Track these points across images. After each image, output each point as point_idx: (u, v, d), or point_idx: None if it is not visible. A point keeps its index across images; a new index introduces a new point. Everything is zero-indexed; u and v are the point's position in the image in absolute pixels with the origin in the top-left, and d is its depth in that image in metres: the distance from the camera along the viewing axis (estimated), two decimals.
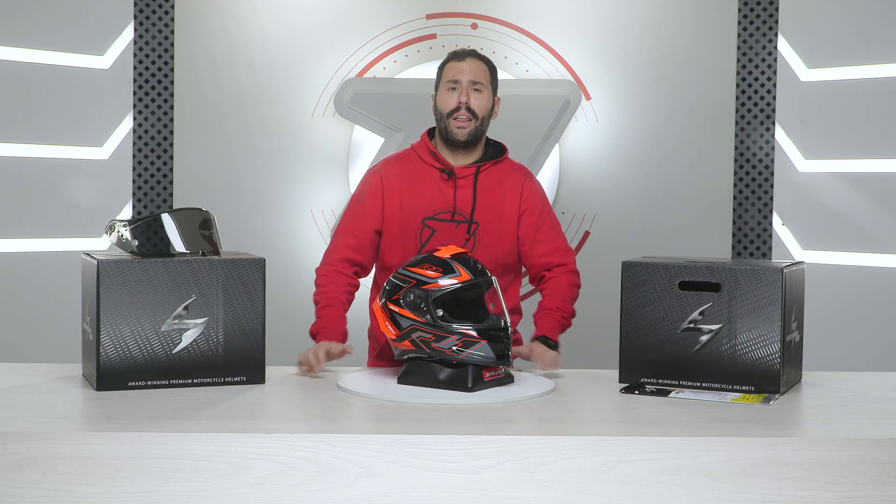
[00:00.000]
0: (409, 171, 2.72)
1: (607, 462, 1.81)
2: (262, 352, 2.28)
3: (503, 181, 2.73)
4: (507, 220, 2.71)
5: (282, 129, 4.55)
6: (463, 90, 2.67)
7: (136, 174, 4.47)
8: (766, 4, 4.47)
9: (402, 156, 2.78)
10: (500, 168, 2.74)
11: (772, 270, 2.25)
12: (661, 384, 2.32)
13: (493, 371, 2.26)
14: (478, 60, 2.71)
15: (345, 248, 2.71)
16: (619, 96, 4.57)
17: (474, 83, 2.67)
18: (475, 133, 2.68)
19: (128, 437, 1.80)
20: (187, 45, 4.51)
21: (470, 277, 2.26)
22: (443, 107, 2.69)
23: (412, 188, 2.70)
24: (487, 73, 2.71)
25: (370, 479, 1.79)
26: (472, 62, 2.70)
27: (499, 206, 2.71)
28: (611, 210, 4.58)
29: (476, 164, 2.71)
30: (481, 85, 2.68)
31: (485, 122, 2.70)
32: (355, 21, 4.55)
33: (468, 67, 2.68)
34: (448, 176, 2.69)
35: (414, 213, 2.69)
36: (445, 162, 2.71)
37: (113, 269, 2.18)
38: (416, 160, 2.74)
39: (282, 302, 4.32)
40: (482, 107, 2.68)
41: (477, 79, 2.68)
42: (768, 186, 4.49)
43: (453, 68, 2.70)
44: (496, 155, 2.75)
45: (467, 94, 2.67)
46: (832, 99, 4.36)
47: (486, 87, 2.70)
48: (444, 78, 2.71)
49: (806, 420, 2.08)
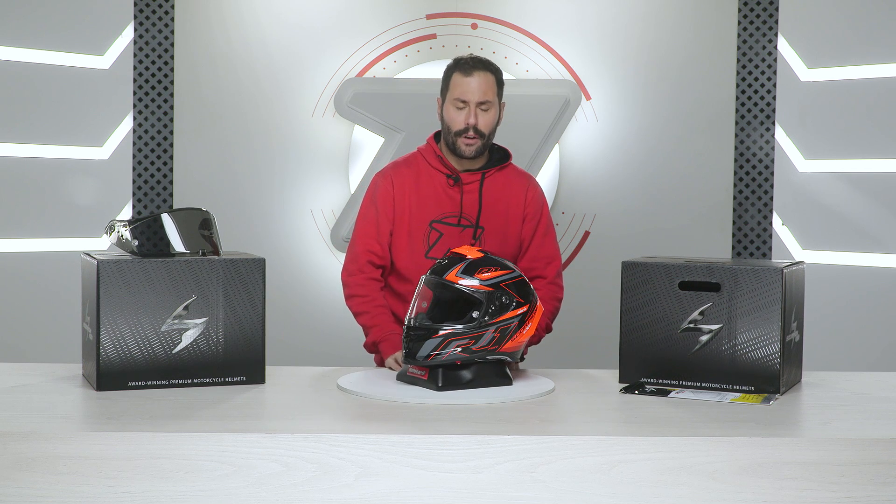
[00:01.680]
0: (418, 176, 2.74)
1: (607, 462, 1.81)
2: (262, 352, 2.28)
3: (508, 186, 2.75)
4: (512, 224, 2.75)
5: (282, 129, 4.55)
6: (471, 112, 2.65)
7: (136, 174, 4.47)
8: (766, 4, 4.47)
9: (410, 160, 2.79)
10: (505, 174, 2.77)
11: (772, 270, 2.25)
12: (661, 384, 2.32)
13: (415, 369, 2.26)
14: (485, 74, 2.67)
15: (368, 252, 2.73)
16: (619, 96, 4.57)
17: (483, 100, 2.66)
18: (482, 148, 2.70)
19: (128, 437, 1.80)
20: (187, 45, 4.51)
21: None
22: (450, 123, 2.68)
23: (421, 192, 2.72)
24: (495, 87, 2.69)
25: (370, 479, 1.79)
26: (479, 77, 2.66)
27: (503, 211, 2.74)
28: (611, 210, 4.58)
29: (482, 170, 2.73)
30: (489, 103, 2.67)
31: (492, 135, 2.71)
32: (355, 21, 4.55)
33: (476, 85, 2.65)
34: (455, 182, 2.71)
35: (422, 217, 2.71)
36: (452, 167, 2.73)
37: (113, 269, 2.18)
38: (424, 164, 2.75)
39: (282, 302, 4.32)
40: (489, 124, 2.68)
41: (485, 97, 2.66)
42: (768, 186, 4.49)
43: (461, 85, 2.66)
44: (501, 160, 2.77)
45: (475, 116, 2.65)
46: (832, 99, 4.36)
47: (494, 103, 2.68)
48: (452, 93, 2.68)
49: (806, 420, 2.08)
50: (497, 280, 2.25)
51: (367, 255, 2.73)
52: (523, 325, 2.27)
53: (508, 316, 2.25)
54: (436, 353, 2.20)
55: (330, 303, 4.46)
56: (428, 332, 2.21)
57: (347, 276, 2.75)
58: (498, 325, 2.24)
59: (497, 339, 2.24)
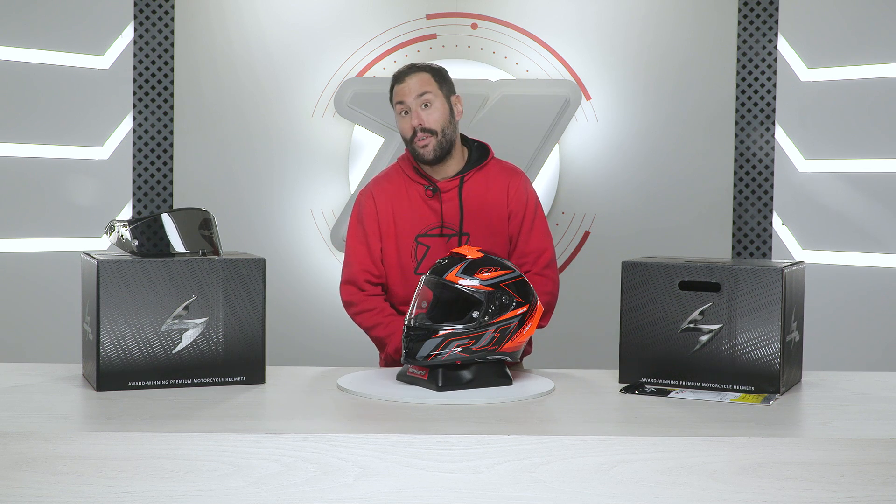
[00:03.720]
0: (398, 190, 2.71)
1: (607, 462, 1.81)
2: (262, 352, 2.28)
3: (489, 187, 2.70)
4: (498, 226, 2.70)
5: (282, 129, 4.55)
6: (413, 112, 2.64)
7: (136, 174, 4.47)
8: (766, 4, 4.47)
9: (391, 173, 2.76)
10: (486, 173, 2.72)
11: (772, 270, 2.25)
12: (661, 384, 2.32)
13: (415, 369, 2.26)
14: (419, 73, 2.67)
15: (364, 272, 2.70)
16: (619, 96, 4.57)
17: (420, 96, 2.64)
18: (440, 146, 2.66)
19: (128, 437, 1.80)
20: (187, 45, 4.51)
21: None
22: (402, 133, 2.69)
23: (402, 206, 2.69)
24: (433, 81, 2.67)
25: (370, 479, 1.79)
26: (412, 78, 2.66)
27: (487, 214, 2.69)
28: (611, 210, 4.58)
29: (460, 176, 2.69)
30: (430, 95, 2.64)
31: (446, 131, 2.66)
32: (355, 21, 4.55)
33: (411, 85, 2.65)
34: (433, 193, 2.69)
35: (407, 232, 2.68)
36: (429, 176, 2.70)
37: (113, 269, 2.18)
38: (403, 177, 2.72)
39: (282, 302, 4.32)
40: (436, 119, 2.65)
41: (422, 90, 2.64)
42: (768, 186, 4.49)
43: (398, 92, 2.67)
44: (480, 159, 2.72)
45: (418, 116, 2.64)
46: (832, 99, 4.36)
47: (436, 95, 2.66)
48: (394, 102, 2.69)
49: (806, 420, 2.08)
50: (497, 280, 2.25)
51: (364, 274, 2.70)
52: (523, 325, 2.27)
53: (508, 316, 2.25)
54: (436, 353, 2.20)
55: (330, 303, 4.46)
56: (428, 332, 2.21)
57: (349, 297, 2.72)
58: (498, 325, 2.23)
59: (497, 339, 2.24)
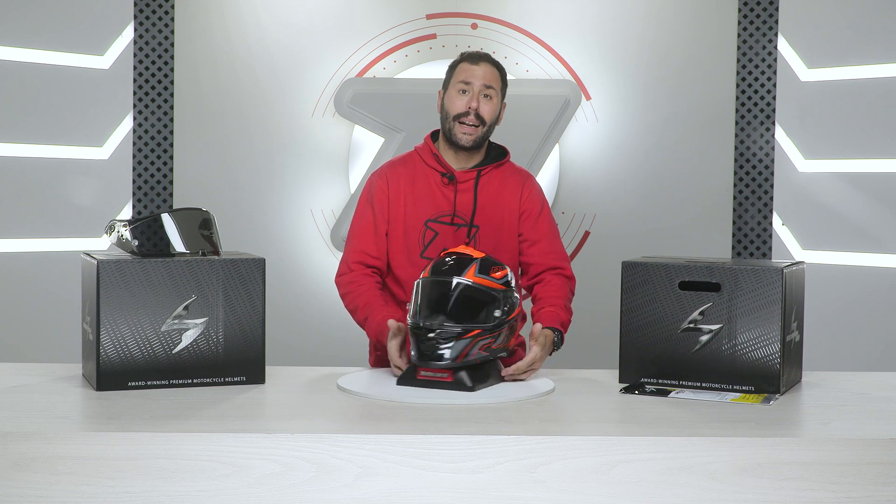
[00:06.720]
0: (413, 174, 2.72)
1: (607, 462, 1.81)
2: (262, 352, 2.28)
3: (504, 185, 2.72)
4: (508, 223, 2.71)
5: (282, 129, 4.55)
6: (474, 95, 2.65)
7: (136, 174, 4.47)
8: (766, 4, 4.47)
9: (406, 158, 2.77)
10: (502, 172, 2.74)
11: (772, 270, 2.25)
12: (661, 384, 2.32)
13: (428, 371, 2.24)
14: (491, 66, 2.69)
15: (360, 253, 2.69)
16: (619, 96, 4.57)
17: (486, 87, 2.66)
18: (480, 139, 2.68)
19: (128, 437, 1.80)
20: (187, 45, 4.51)
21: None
22: (451, 107, 2.67)
23: (416, 191, 2.70)
24: (499, 80, 2.70)
25: (370, 479, 1.79)
26: (485, 67, 2.68)
27: (499, 210, 2.71)
28: (611, 210, 4.58)
29: (477, 168, 2.71)
30: (493, 91, 2.67)
31: (491, 128, 2.70)
32: (355, 21, 4.55)
33: (482, 72, 2.66)
34: (449, 180, 2.70)
35: (417, 216, 2.69)
36: (447, 165, 2.71)
37: (113, 269, 2.18)
38: (419, 163, 2.73)
39: (282, 302, 4.33)
40: (490, 113, 2.67)
41: (489, 83, 2.66)
42: (768, 186, 4.49)
43: (466, 70, 2.67)
44: (498, 158, 2.75)
45: (478, 100, 2.65)
46: (832, 99, 4.36)
47: (497, 93, 2.69)
48: (456, 78, 2.69)
49: (806, 420, 2.08)
50: (507, 279, 2.32)
51: (360, 255, 2.69)
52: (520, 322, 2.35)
53: (515, 313, 2.33)
54: (464, 354, 2.21)
55: (330, 303, 4.46)
56: (457, 334, 2.21)
57: (338, 278, 2.71)
58: (510, 322, 2.30)
59: (507, 336, 2.28)
